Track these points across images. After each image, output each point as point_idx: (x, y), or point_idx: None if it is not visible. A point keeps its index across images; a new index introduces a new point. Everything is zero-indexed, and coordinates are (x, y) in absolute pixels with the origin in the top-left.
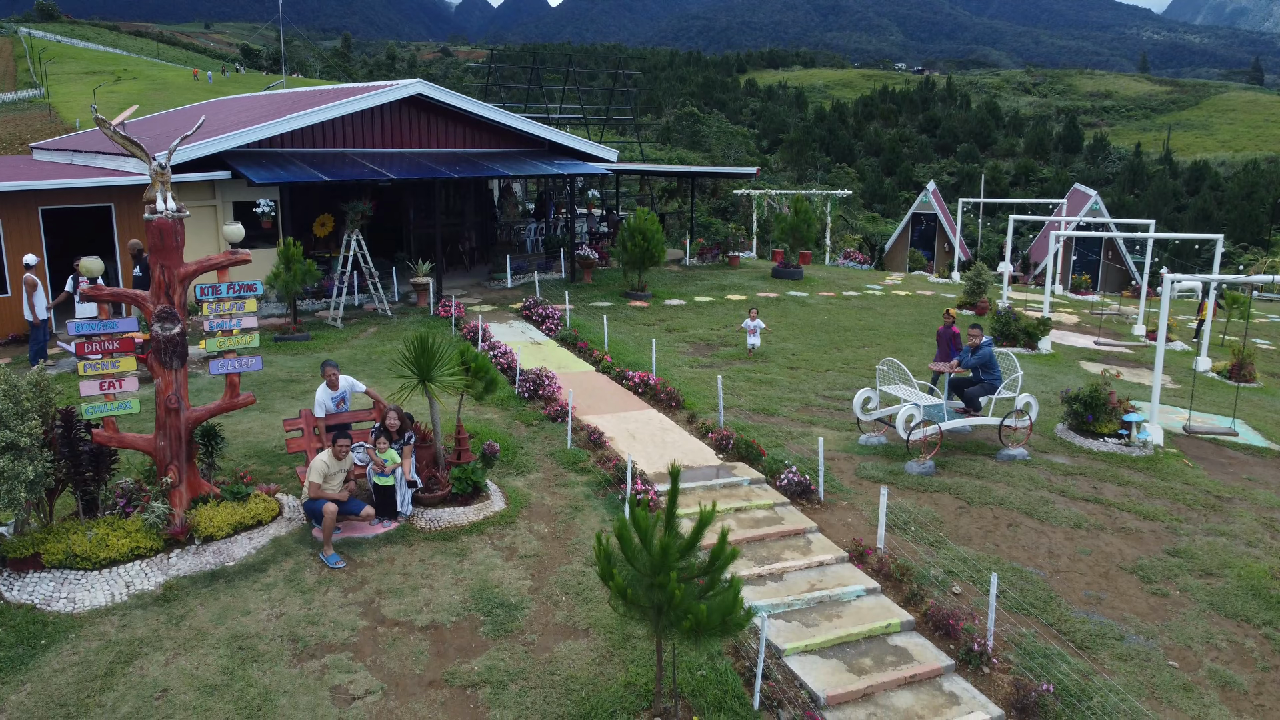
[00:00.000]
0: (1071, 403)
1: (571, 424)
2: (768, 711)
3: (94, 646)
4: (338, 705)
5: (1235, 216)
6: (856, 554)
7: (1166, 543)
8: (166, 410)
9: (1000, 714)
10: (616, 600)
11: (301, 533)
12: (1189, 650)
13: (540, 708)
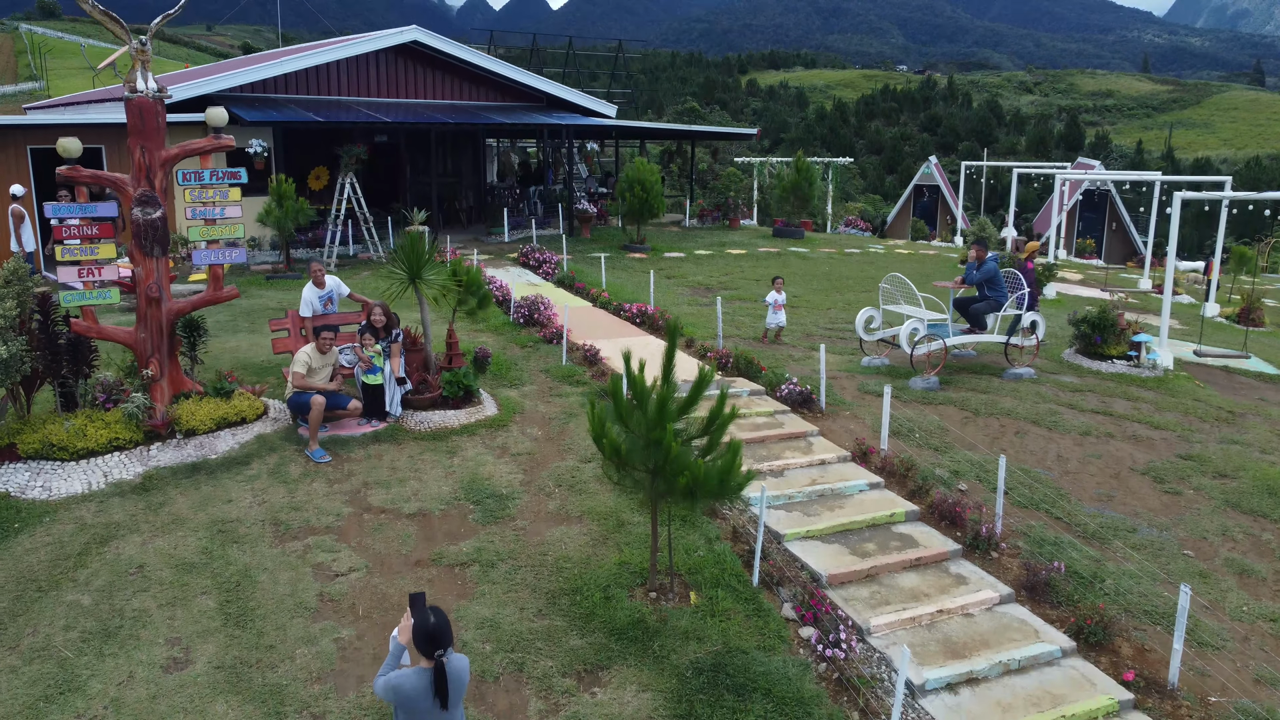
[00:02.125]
0: (1079, 325)
1: (567, 345)
2: (767, 590)
3: (69, 529)
4: (320, 581)
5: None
6: (859, 453)
7: (1179, 449)
8: (147, 300)
9: (1009, 593)
10: (609, 467)
11: (287, 431)
12: (1205, 541)
13: (530, 584)
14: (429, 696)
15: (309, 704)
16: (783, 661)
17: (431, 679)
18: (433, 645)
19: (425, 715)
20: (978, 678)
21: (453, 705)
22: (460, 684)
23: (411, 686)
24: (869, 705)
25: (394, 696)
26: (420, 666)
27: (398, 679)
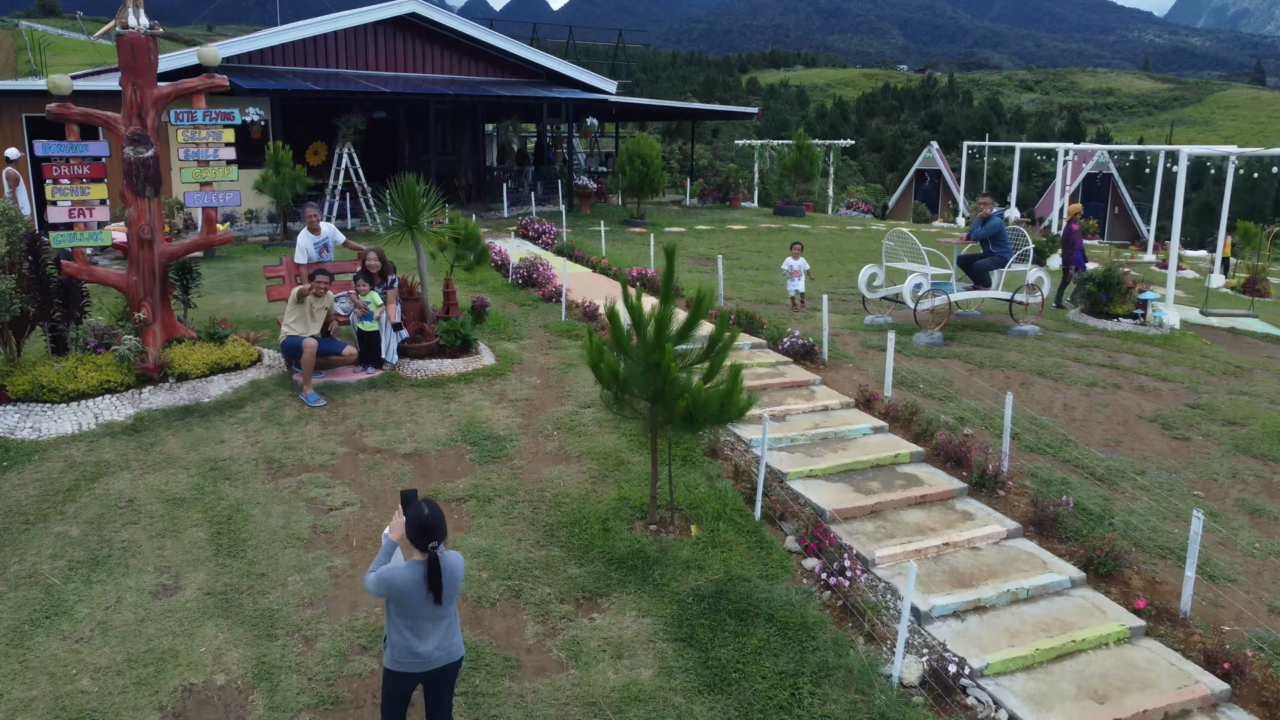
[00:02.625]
0: (1084, 283)
1: (566, 303)
2: (770, 524)
3: (58, 467)
4: (313, 514)
5: (1239, 209)
6: (863, 400)
7: (1186, 399)
8: (139, 242)
9: (1017, 527)
10: (608, 396)
11: (281, 378)
12: (1214, 483)
13: (528, 518)
14: (422, 590)
15: (300, 627)
16: (786, 590)
17: (424, 572)
18: (426, 537)
19: (418, 610)
20: (985, 606)
21: (446, 600)
22: (454, 578)
23: (404, 580)
24: (874, 631)
25: (386, 590)
26: (414, 560)
27: (389, 572)
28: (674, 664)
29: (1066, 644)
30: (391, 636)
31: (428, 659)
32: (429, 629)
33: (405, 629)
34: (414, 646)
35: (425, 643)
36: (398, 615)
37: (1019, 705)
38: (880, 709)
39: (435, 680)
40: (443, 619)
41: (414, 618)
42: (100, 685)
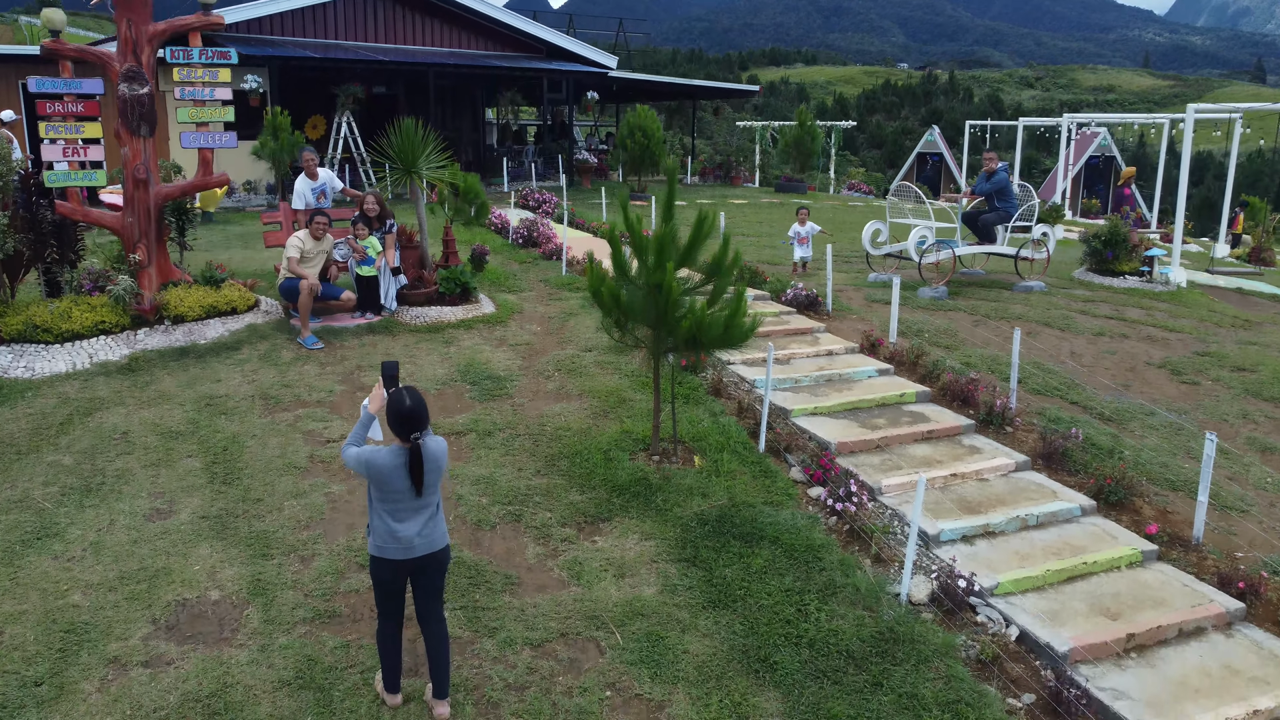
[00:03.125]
0: (1090, 241)
1: (566, 260)
2: (774, 456)
3: (51, 403)
4: (310, 445)
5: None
6: (868, 345)
7: (1195, 348)
8: (134, 182)
9: (1025, 460)
10: (608, 323)
11: (279, 323)
12: (1225, 424)
13: (529, 449)
14: (403, 477)
15: (297, 548)
16: (791, 515)
17: (406, 460)
18: (408, 428)
19: (399, 496)
20: (994, 531)
21: (428, 491)
22: (436, 466)
23: (384, 464)
24: (881, 554)
25: (365, 470)
26: (396, 445)
27: (370, 453)
28: (677, 582)
29: (1078, 566)
30: (373, 521)
31: (409, 544)
32: (410, 515)
33: (385, 513)
34: (395, 529)
35: (406, 526)
36: (378, 500)
37: (1030, 621)
38: (889, 623)
39: (421, 572)
40: (425, 508)
41: (394, 503)
42: (91, 600)
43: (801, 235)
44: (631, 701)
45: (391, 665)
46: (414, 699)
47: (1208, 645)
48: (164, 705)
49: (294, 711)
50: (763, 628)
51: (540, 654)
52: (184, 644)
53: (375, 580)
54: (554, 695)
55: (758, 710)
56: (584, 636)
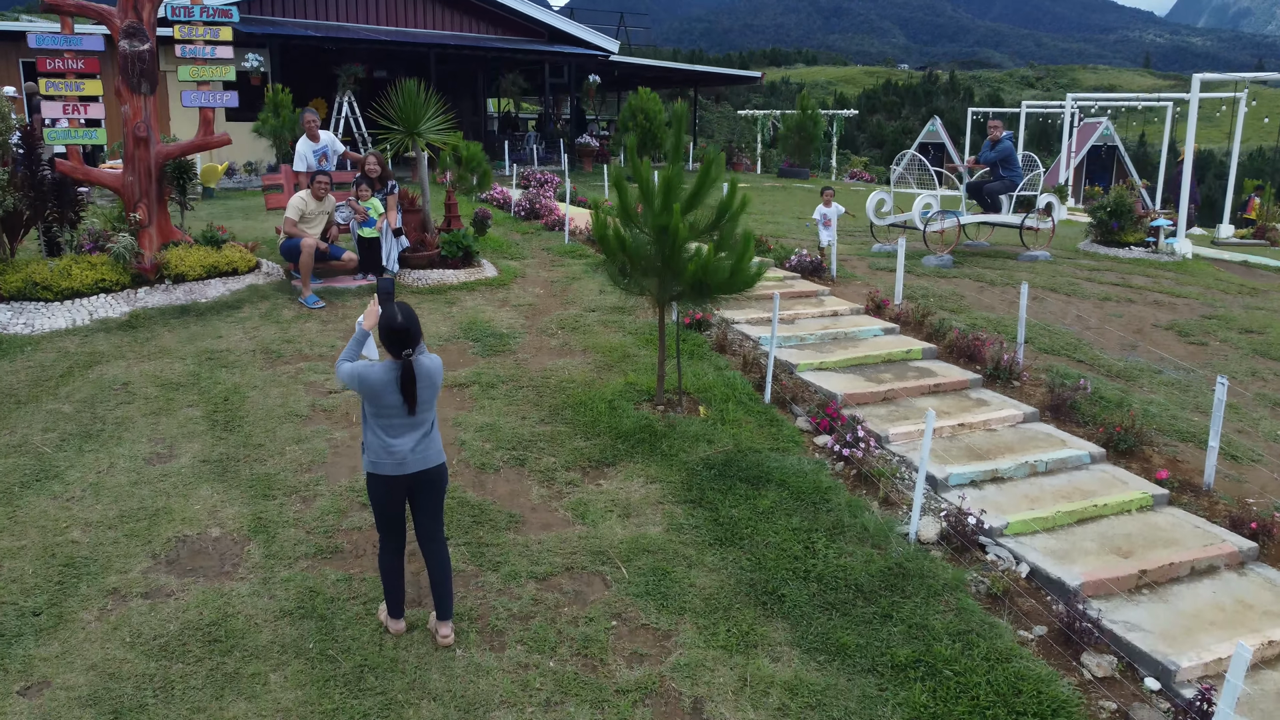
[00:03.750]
0: (1096, 211)
1: (569, 230)
2: (780, 407)
3: (51, 357)
4: (312, 395)
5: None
6: (873, 306)
7: (1202, 311)
8: (135, 141)
9: (1034, 411)
10: (613, 269)
11: (280, 284)
12: (1234, 380)
13: (532, 400)
14: (395, 393)
15: (299, 489)
16: (797, 460)
17: (398, 375)
18: (399, 344)
19: (391, 413)
20: (1003, 477)
21: (421, 408)
22: (430, 383)
23: (377, 379)
24: (889, 497)
25: (358, 385)
26: (390, 360)
27: (364, 368)
28: (683, 522)
29: (1088, 509)
30: (367, 437)
31: (402, 460)
32: (404, 431)
33: (379, 429)
34: (388, 444)
35: (400, 441)
36: (372, 415)
37: (1040, 559)
38: (897, 559)
39: (417, 490)
40: (418, 426)
41: (387, 419)
42: (91, 537)
43: (827, 217)
44: (638, 631)
45: (394, 591)
46: (418, 627)
47: (1221, 582)
48: (164, 633)
49: (295, 639)
50: (770, 563)
51: (545, 587)
52: (184, 577)
53: (372, 499)
54: (559, 625)
55: (766, 639)
56: (589, 571)
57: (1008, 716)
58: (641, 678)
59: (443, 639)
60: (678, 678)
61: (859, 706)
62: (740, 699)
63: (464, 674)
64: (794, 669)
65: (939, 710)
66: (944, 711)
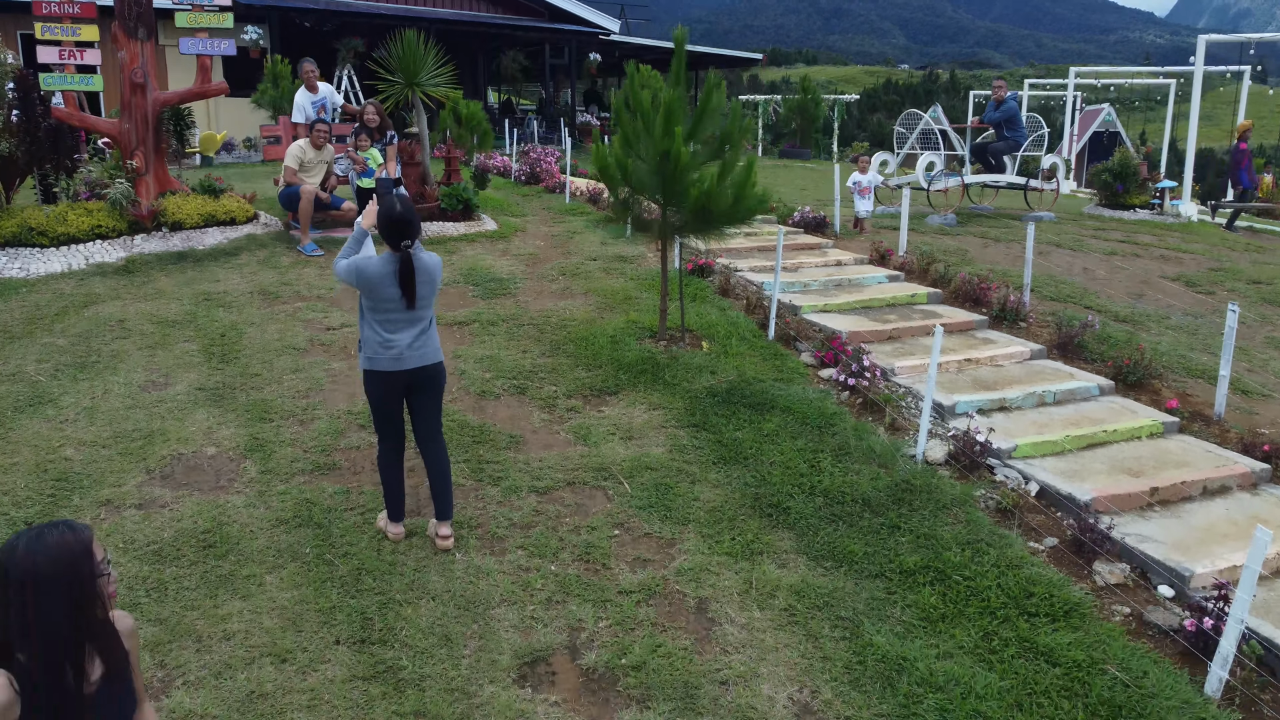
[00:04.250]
0: (1100, 174)
1: (570, 189)
2: (784, 344)
3: (46, 298)
4: (310, 331)
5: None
6: (877, 256)
7: (1209, 264)
8: (132, 87)
9: (1041, 349)
10: (615, 204)
11: (278, 234)
12: (1242, 325)
13: (533, 336)
14: (393, 286)
15: (296, 413)
16: (802, 389)
17: (397, 267)
18: (397, 234)
19: (389, 307)
20: (1010, 406)
21: (420, 304)
22: (430, 278)
23: (375, 271)
24: (896, 423)
25: (355, 278)
26: (387, 253)
27: (362, 260)
28: (686, 443)
29: (1097, 434)
30: (364, 333)
31: (399, 354)
32: (402, 326)
33: (376, 324)
34: (386, 339)
35: (398, 335)
36: (370, 310)
37: (1049, 478)
38: (905, 477)
39: (415, 387)
40: (417, 322)
41: (385, 313)
42: (84, 455)
43: (863, 185)
44: (641, 539)
45: (393, 493)
46: (417, 534)
47: (1233, 501)
48: (158, 540)
49: (292, 545)
50: (775, 479)
51: (546, 500)
52: (178, 490)
53: (370, 397)
54: (561, 533)
55: (771, 547)
56: (591, 486)
57: (1019, 617)
58: (645, 580)
59: (442, 541)
60: (682, 581)
61: (867, 607)
62: (746, 600)
63: (464, 575)
64: (800, 574)
65: (948, 611)
66: (954, 612)
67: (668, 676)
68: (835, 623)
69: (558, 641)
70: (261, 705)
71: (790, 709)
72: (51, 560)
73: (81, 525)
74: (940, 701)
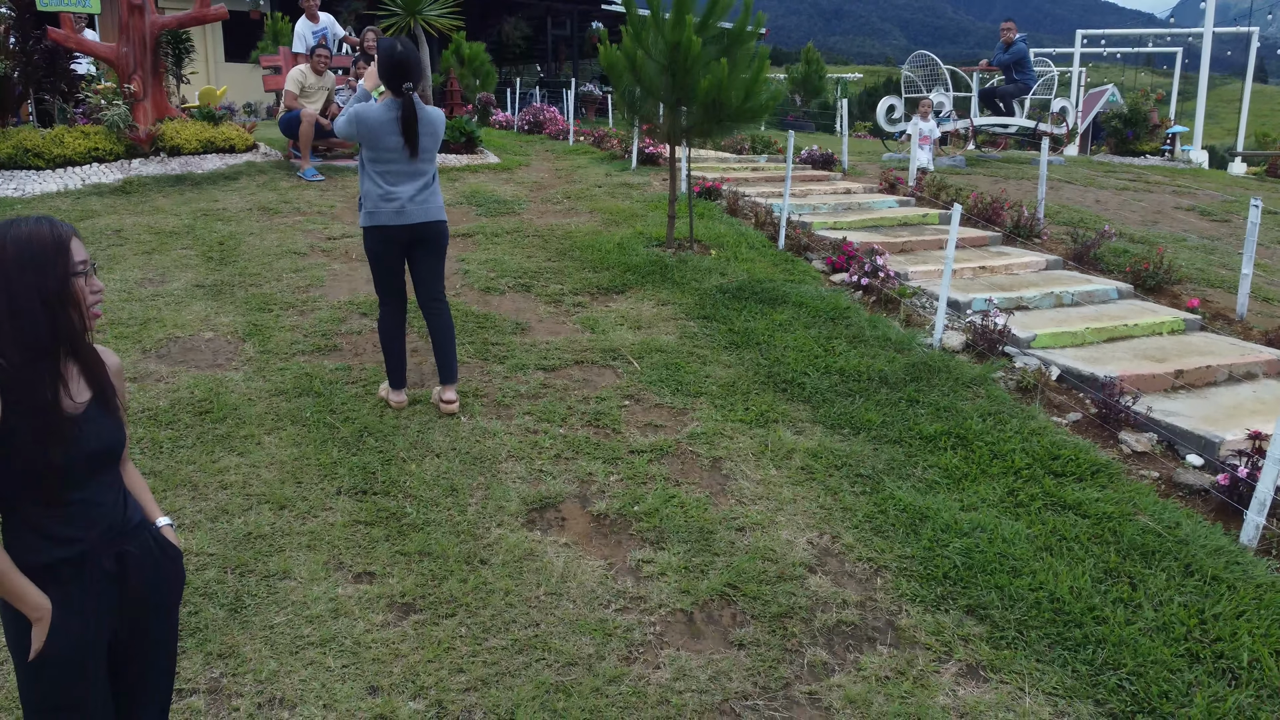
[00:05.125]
0: (1110, 121)
1: (573, 135)
2: (795, 252)
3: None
4: (311, 239)
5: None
6: (887, 185)
7: (1223, 197)
8: (129, 9)
9: (1058, 259)
10: (621, 100)
11: (278, 163)
12: (1262, 247)
13: (538, 245)
14: (395, 134)
15: (296, 305)
16: (814, 288)
17: (400, 114)
18: (400, 76)
19: (391, 158)
20: (1027, 305)
21: (423, 156)
22: (432, 130)
23: (376, 118)
24: (910, 318)
25: (356, 127)
26: (389, 99)
27: (362, 107)
28: (696, 331)
29: (1118, 328)
30: (364, 187)
31: (402, 208)
32: (404, 179)
33: (378, 175)
34: (388, 191)
35: (400, 188)
36: (371, 162)
37: (1071, 363)
38: (922, 359)
39: (417, 243)
40: (419, 175)
41: (387, 164)
42: None
43: (924, 133)
44: (652, 409)
45: (395, 358)
46: (420, 402)
47: (1260, 385)
48: (153, 407)
49: (292, 410)
50: (788, 360)
51: (553, 376)
52: (175, 366)
53: (370, 254)
54: (569, 402)
55: (786, 416)
56: (599, 364)
57: (1045, 476)
58: (657, 442)
59: (446, 405)
60: (695, 444)
61: (887, 467)
62: (761, 460)
63: (469, 435)
64: (817, 439)
65: (971, 471)
66: (977, 472)
67: (681, 523)
68: (855, 480)
69: (567, 491)
70: (259, 545)
71: (810, 551)
72: (20, 247)
73: (64, 224)
74: (966, 545)
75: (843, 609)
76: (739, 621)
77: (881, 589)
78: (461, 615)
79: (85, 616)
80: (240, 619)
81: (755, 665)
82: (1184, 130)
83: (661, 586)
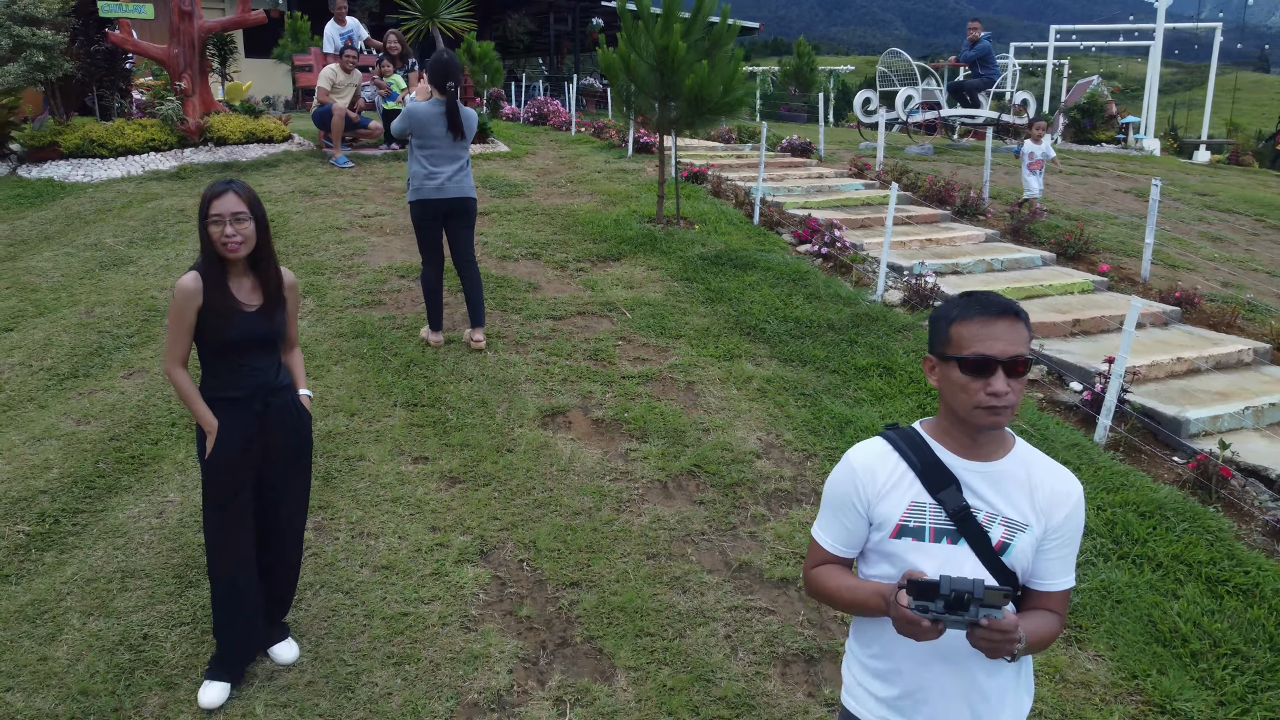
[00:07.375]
0: (1069, 111)
1: (575, 126)
2: (768, 228)
3: (111, 195)
4: (349, 216)
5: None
6: (856, 170)
7: (1164, 181)
8: (180, 14)
9: (996, 233)
10: (617, 97)
11: (312, 152)
12: (1182, 224)
13: (545, 221)
14: (440, 125)
15: (343, 269)
16: (782, 257)
17: (445, 109)
18: (444, 76)
19: (436, 143)
20: (961, 270)
21: (461, 144)
22: (470, 122)
23: (425, 112)
24: (860, 280)
25: (409, 121)
26: (435, 98)
27: (414, 105)
28: (679, 290)
29: (1035, 288)
30: (412, 168)
31: (442, 185)
32: (445, 161)
33: (424, 158)
34: (432, 170)
35: (442, 169)
36: (418, 148)
37: None
38: (865, 310)
39: (453, 214)
40: (457, 159)
41: (432, 149)
42: (167, 296)
43: (1036, 158)
44: (640, 347)
45: (434, 305)
46: (454, 342)
47: (1145, 333)
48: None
49: (352, 348)
50: (754, 311)
51: (561, 323)
52: None
53: (415, 223)
54: (574, 341)
55: (749, 353)
56: (598, 314)
57: None
58: (644, 371)
59: (475, 344)
60: (674, 372)
61: (825, 389)
62: (725, 384)
63: (495, 365)
64: (772, 370)
65: (892, 391)
66: (896, 392)
67: (660, 425)
68: (799, 397)
69: (573, 404)
70: (339, 439)
71: (759, 444)
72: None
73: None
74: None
75: (780, 481)
76: (701, 489)
77: (811, 469)
78: (495, 485)
79: (236, 437)
80: (331, 485)
81: (711, 515)
82: (1137, 121)
83: (644, 466)
